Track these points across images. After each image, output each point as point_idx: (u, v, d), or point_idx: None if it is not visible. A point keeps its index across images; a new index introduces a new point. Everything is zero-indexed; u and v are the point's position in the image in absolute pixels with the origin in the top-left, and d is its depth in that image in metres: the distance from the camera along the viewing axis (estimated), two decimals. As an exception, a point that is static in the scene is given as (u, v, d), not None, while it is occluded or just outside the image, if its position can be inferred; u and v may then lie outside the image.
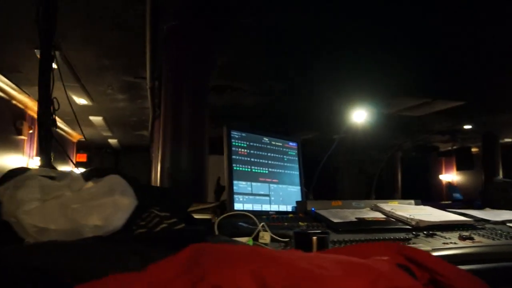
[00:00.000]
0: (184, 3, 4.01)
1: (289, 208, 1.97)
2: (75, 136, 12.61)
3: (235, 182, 1.79)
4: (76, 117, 3.37)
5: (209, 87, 4.59)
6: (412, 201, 2.23)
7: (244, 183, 1.83)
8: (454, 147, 13.18)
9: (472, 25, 4.51)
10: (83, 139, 13.52)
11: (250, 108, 8.35)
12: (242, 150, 1.88)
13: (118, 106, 8.48)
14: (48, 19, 2.32)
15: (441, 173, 16.64)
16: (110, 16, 4.27)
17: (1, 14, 4.30)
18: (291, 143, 2.18)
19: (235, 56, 5.50)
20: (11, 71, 6.06)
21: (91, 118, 9.82)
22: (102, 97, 7.70)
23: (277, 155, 2.06)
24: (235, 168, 1.81)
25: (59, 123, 9.69)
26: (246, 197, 1.82)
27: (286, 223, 1.66)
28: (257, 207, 1.85)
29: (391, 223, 1.78)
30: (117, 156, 17.83)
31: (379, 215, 1.90)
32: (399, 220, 1.82)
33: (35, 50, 5.12)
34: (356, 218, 1.77)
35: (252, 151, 1.92)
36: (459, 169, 13.85)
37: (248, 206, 1.80)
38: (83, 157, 15.69)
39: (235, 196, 1.77)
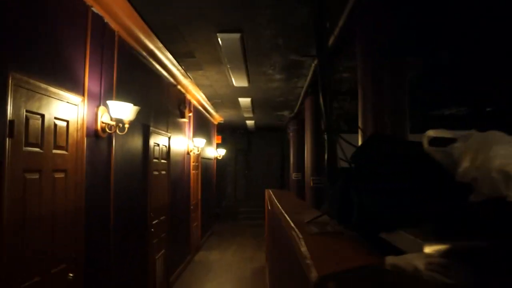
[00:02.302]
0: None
1: None
2: (217, 118, 13.17)
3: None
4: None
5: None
6: None
7: None
8: None
9: None
10: (222, 121, 14.09)
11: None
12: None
13: (271, 86, 8.65)
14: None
15: None
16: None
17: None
18: None
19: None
20: (186, 57, 6.41)
21: (240, 99, 10.15)
22: (260, 78, 7.89)
23: None
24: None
25: (208, 106, 10.16)
26: None
27: None
28: None
29: None
30: (249, 137, 18.37)
31: None
32: None
33: (217, 34, 5.36)
34: None
35: None
36: None
37: None
38: (218, 139, 16.33)
39: None
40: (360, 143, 4.19)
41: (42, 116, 2.96)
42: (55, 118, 3.15)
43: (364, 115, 4.05)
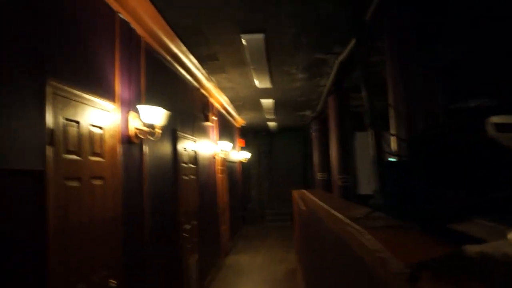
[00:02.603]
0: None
1: None
2: (239, 121, 13.16)
3: None
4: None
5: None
6: None
7: None
8: None
9: None
10: (244, 124, 14.05)
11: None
12: None
13: (294, 86, 8.60)
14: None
15: None
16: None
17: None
18: None
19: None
20: (209, 60, 6.40)
21: (262, 101, 10.11)
22: (283, 78, 7.84)
23: None
24: None
25: (230, 109, 10.13)
26: None
27: None
28: None
29: None
30: (271, 138, 18.33)
31: None
32: None
33: (241, 35, 5.33)
34: None
35: None
36: None
37: None
38: (242, 143, 16.27)
39: None
40: (393, 136, 4.11)
41: (78, 123, 2.97)
42: (91, 125, 3.15)
43: (397, 109, 3.97)
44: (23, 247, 2.28)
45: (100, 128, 3.33)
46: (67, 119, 2.81)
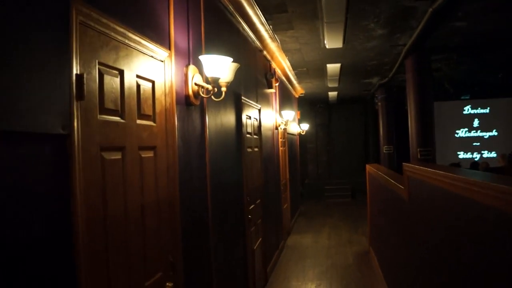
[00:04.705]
0: None
1: None
2: (298, 91, 12.12)
3: None
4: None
5: None
6: None
7: None
8: None
9: None
10: (302, 94, 12.99)
11: None
12: None
13: (368, 46, 7.50)
14: None
15: None
16: None
17: None
18: None
19: None
20: (276, 11, 5.44)
21: (329, 66, 9.07)
22: (357, 36, 6.78)
23: None
24: None
25: (291, 76, 9.15)
26: None
27: None
28: None
29: None
30: (330, 110, 17.22)
31: None
32: None
33: (320, -26, 4.32)
34: None
35: None
36: None
37: None
38: (298, 114, 15.28)
39: None
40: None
41: (121, 72, 2.11)
42: (138, 76, 2.29)
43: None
44: (41, 248, 1.47)
45: (151, 81, 2.47)
46: (105, 65, 1.95)
